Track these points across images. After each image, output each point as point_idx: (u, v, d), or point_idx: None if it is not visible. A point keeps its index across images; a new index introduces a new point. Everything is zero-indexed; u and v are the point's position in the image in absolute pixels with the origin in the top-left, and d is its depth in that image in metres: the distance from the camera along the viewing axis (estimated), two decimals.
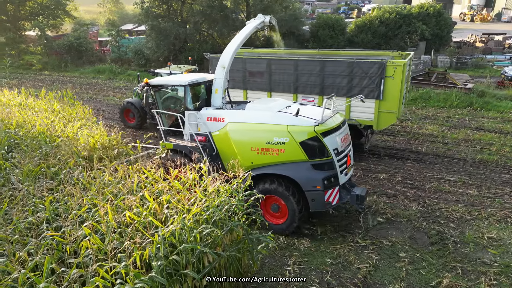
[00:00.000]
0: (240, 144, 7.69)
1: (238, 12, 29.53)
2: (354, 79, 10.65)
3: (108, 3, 62.28)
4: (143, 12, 27.91)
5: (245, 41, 8.70)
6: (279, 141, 7.23)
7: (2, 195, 6.13)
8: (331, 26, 29.31)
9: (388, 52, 12.27)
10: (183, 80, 8.38)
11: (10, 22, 35.23)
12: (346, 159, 7.68)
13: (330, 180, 7.25)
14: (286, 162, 7.31)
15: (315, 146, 7.10)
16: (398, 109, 10.50)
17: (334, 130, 7.35)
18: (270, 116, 7.55)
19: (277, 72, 11.67)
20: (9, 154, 8.33)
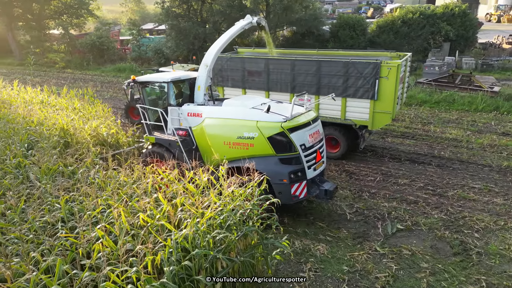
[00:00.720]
0: (214, 138, 8.13)
1: (257, 12, 29.40)
2: (349, 79, 10.71)
3: (130, 2, 63.23)
4: (163, 11, 28.12)
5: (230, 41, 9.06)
6: (249, 136, 7.61)
7: (20, 193, 6.18)
8: (352, 26, 28.84)
9: (386, 52, 12.23)
10: (166, 77, 8.77)
11: (35, 21, 36.12)
12: (315, 155, 7.96)
13: (296, 174, 7.59)
14: (256, 156, 7.55)
15: (281, 141, 7.45)
16: (393, 110, 10.51)
17: (302, 127, 7.65)
18: (242, 112, 7.94)
19: (274, 71, 11.84)
20: (29, 151, 8.44)
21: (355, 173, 10.97)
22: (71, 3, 37.62)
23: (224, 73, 12.92)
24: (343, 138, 11.50)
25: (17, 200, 5.95)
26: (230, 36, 9.24)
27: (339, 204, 9.25)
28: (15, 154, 7.88)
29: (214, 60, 8.98)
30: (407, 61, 11.41)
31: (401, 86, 11.07)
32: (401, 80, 10.79)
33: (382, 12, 50.68)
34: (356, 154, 12.32)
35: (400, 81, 10.69)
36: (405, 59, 11.14)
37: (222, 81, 13.13)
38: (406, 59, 11.29)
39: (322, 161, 8.40)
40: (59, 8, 37.95)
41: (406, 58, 11.32)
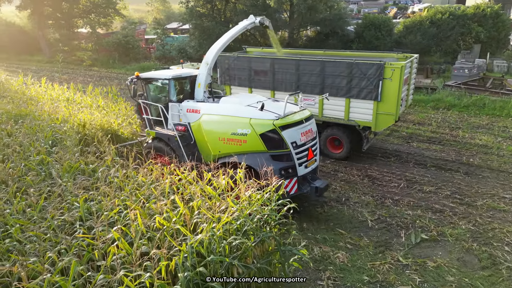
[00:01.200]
0: (210, 134, 8.42)
1: (281, 12, 29.22)
2: (353, 80, 10.68)
3: (156, 2, 64.13)
4: (187, 11, 28.34)
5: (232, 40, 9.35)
6: (242, 133, 7.85)
7: (41, 190, 6.24)
8: (378, 27, 28.18)
9: (393, 54, 12.13)
10: (168, 75, 9.13)
11: (64, 19, 37.13)
12: (307, 152, 8.12)
13: (287, 171, 7.78)
14: (249, 152, 7.84)
15: (273, 138, 7.64)
16: (396, 111, 10.44)
17: (295, 125, 7.82)
18: (237, 109, 8.20)
19: (280, 71, 11.90)
20: (53, 148, 8.57)
21: (378, 178, 10.64)
22: (99, 2, 38.48)
23: (231, 72, 12.99)
24: (346, 139, 11.46)
25: (38, 197, 6.03)
26: (232, 35, 9.48)
27: (360, 210, 8.97)
28: (39, 151, 8.02)
29: (215, 58, 9.29)
30: (412, 62, 11.25)
31: (405, 88, 10.96)
32: (405, 82, 10.68)
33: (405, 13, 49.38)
34: (380, 159, 11.97)
35: (405, 82, 10.60)
36: (410, 61, 11.01)
37: (229, 80, 13.21)
38: (412, 60, 11.15)
39: (315, 159, 8.52)
40: (87, 7, 38.89)
41: (412, 60, 11.17)
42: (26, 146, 8.34)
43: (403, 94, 10.84)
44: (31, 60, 36.52)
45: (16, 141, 8.73)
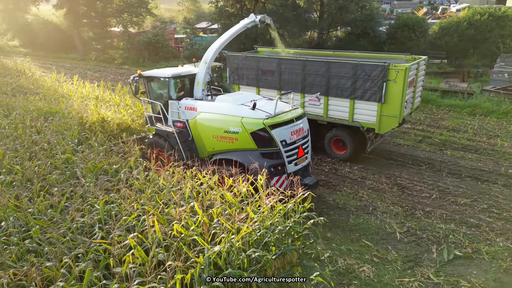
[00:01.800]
0: (205, 131, 8.70)
1: (311, 12, 28.74)
2: (357, 81, 10.64)
3: (187, 1, 64.93)
4: (216, 11, 28.37)
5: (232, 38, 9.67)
6: (234, 131, 8.10)
7: (64, 190, 6.25)
8: (411, 28, 27.18)
9: (401, 55, 11.97)
10: (168, 73, 9.35)
11: (98, 18, 38.13)
12: (297, 150, 8.30)
13: (277, 168, 7.99)
14: (240, 150, 8.17)
15: (263, 136, 7.85)
16: (400, 113, 10.33)
17: (284, 124, 8.01)
18: (230, 108, 8.41)
19: (286, 71, 11.93)
20: (79, 147, 8.66)
21: (408, 187, 10.13)
22: (132, 2, 39.27)
23: (240, 71, 13.12)
24: (350, 140, 11.46)
25: (61, 197, 6.04)
26: (232, 34, 9.77)
27: (388, 221, 8.55)
28: (65, 149, 8.10)
29: (214, 57, 9.46)
30: (419, 64, 11.04)
31: (411, 90, 10.86)
32: (411, 84, 10.59)
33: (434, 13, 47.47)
34: (410, 166, 11.42)
35: (410, 84, 10.52)
36: (417, 63, 10.83)
37: (238, 79, 13.32)
38: (418, 62, 10.97)
39: (305, 157, 8.68)
40: (120, 7, 39.78)
41: (418, 62, 10.97)
42: (53, 144, 8.45)
43: (408, 97, 10.73)
44: (66, 57, 37.73)
45: (44, 139, 8.88)
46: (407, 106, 10.74)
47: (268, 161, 7.86)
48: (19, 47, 43.78)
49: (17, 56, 37.88)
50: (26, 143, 8.66)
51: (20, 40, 44.16)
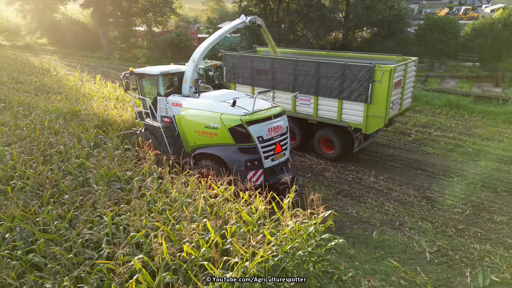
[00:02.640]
0: (188, 126, 9.05)
1: (336, 12, 27.99)
2: (345, 82, 10.77)
3: (211, 1, 65.05)
4: (240, 10, 28.05)
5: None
6: (213, 126, 8.43)
7: (74, 198, 6.00)
8: (442, 29, 26.06)
9: (393, 56, 11.97)
10: (156, 70, 9.75)
11: (123, 18, 38.55)
12: (274, 147, 8.58)
13: (253, 163, 8.27)
14: (220, 144, 8.54)
15: (240, 132, 8.13)
16: (385, 114, 10.40)
17: (262, 121, 8.31)
18: (211, 104, 8.75)
19: (278, 71, 12.08)
20: (95, 150, 8.45)
21: (438, 201, 9.45)
22: (157, 1, 39.54)
23: (236, 70, 13.29)
24: (338, 139, 11.64)
25: (71, 204, 5.79)
26: (221, 34, 10.17)
27: (417, 238, 7.93)
28: (80, 153, 7.90)
29: (202, 56, 9.88)
30: (407, 66, 10.97)
31: (398, 91, 10.89)
32: (397, 85, 10.60)
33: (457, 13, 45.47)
34: (441, 178, 10.71)
35: (396, 85, 10.54)
36: (404, 64, 10.82)
37: (234, 78, 13.51)
38: (406, 64, 10.92)
39: (283, 153, 8.93)
40: (145, 6, 40.11)
41: (406, 63, 10.93)
42: (69, 148, 8.27)
43: (395, 97, 10.79)
44: (91, 56, 38.33)
45: (61, 141, 8.73)
46: (393, 107, 10.82)
47: (245, 156, 8.27)
48: (47, 45, 44.82)
49: (44, 54, 38.78)
50: (42, 145, 8.54)
51: (48, 39, 45.18)
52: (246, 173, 8.17)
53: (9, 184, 6.69)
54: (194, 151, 9.04)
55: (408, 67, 11.00)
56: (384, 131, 14.37)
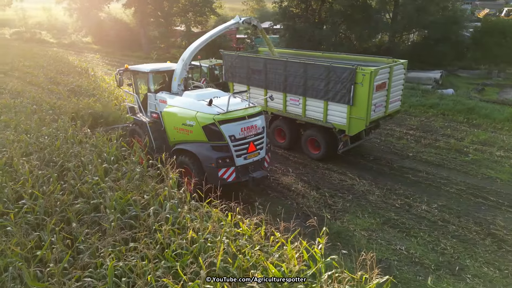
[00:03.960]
0: (169, 122, 9.48)
1: (383, 13, 26.23)
2: (330, 83, 10.87)
3: (252, 0, 64.45)
4: (280, 11, 26.96)
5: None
6: (189, 124, 8.83)
7: (80, 229, 5.24)
8: (502, 32, 23.66)
9: (383, 59, 11.94)
10: (147, 68, 10.27)
11: (164, 17, 38.69)
12: (247, 146, 8.88)
13: (225, 160, 8.58)
14: (194, 141, 8.90)
15: (213, 130, 8.47)
16: (367, 116, 10.50)
17: (235, 120, 8.60)
18: (190, 103, 9.13)
19: (271, 71, 12.25)
20: (114, 165, 7.76)
21: (506, 241, 7.95)
22: (197, 1, 39.35)
23: (233, 70, 13.57)
24: (323, 140, 11.75)
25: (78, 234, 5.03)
26: (213, 34, 10.62)
27: None
28: (97, 170, 7.20)
29: (192, 56, 10.24)
30: (392, 69, 10.85)
31: (381, 94, 10.84)
32: (380, 88, 10.55)
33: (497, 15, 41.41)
34: (507, 210, 9.13)
35: (379, 88, 10.50)
36: (388, 67, 10.78)
37: (231, 77, 13.81)
38: (391, 67, 10.84)
39: (258, 152, 9.21)
40: (185, 6, 40.08)
41: (391, 66, 10.86)
42: (85, 163, 7.62)
43: (378, 100, 10.78)
44: (132, 55, 38.74)
45: (82, 152, 8.10)
46: (376, 109, 10.81)
47: (217, 153, 8.58)
48: (91, 43, 45.99)
49: (88, 52, 39.68)
50: (62, 156, 7.97)
51: (93, 37, 46.33)
52: (217, 170, 8.57)
53: (18, 203, 6.08)
54: (174, 147, 9.42)
55: (393, 70, 10.92)
56: (424, 146, 13.29)
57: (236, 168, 8.77)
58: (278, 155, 12.72)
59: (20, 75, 17.21)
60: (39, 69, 19.30)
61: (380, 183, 10.63)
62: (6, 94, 13.64)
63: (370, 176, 11.08)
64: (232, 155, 8.68)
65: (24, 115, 10.81)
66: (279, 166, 11.82)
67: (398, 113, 12.52)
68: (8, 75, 17.52)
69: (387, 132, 14.84)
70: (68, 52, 38.49)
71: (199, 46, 10.41)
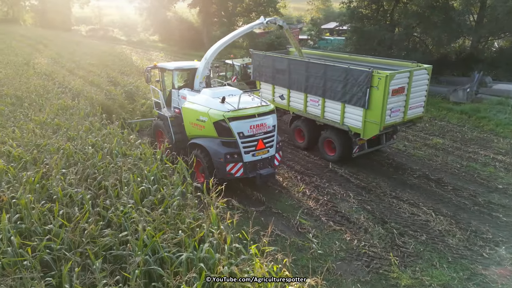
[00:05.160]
0: (186, 117, 9.98)
1: (466, 15, 23.29)
2: (347, 85, 10.84)
3: (317, 0, 62.41)
4: (348, 12, 25.12)
5: None
6: (202, 119, 9.31)
7: (101, 274, 4.42)
8: None
9: (407, 63, 11.69)
10: (172, 66, 10.95)
11: (227, 17, 38.54)
12: (256, 143, 9.21)
13: (233, 156, 9.03)
14: (206, 136, 9.36)
15: (223, 127, 8.93)
16: (381, 120, 10.36)
17: (244, 118, 8.99)
18: (205, 100, 9.51)
19: (294, 71, 12.43)
20: (154, 187, 6.97)
21: None
22: (261, 1, 38.63)
23: (260, 69, 13.93)
24: (339, 142, 11.74)
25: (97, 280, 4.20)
26: (235, 35, 11.07)
27: None
28: (131, 195, 6.43)
29: (214, 55, 10.65)
30: (411, 73, 10.53)
31: (399, 98, 10.61)
32: (397, 92, 10.34)
33: None
34: None
35: (395, 93, 10.30)
36: (408, 71, 10.55)
37: (259, 76, 14.16)
38: (411, 71, 10.56)
39: (267, 150, 9.44)
40: (249, 6, 39.57)
41: (411, 71, 10.57)
42: (127, 180, 6.91)
43: (394, 105, 10.59)
44: (194, 55, 39.01)
45: (124, 167, 7.43)
46: (392, 114, 10.63)
47: (226, 149, 8.98)
48: (157, 42, 47.37)
49: (153, 50, 40.79)
50: (102, 171, 7.37)
51: (159, 36, 47.67)
52: (225, 164, 8.96)
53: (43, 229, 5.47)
54: (190, 141, 9.95)
55: (414, 75, 10.59)
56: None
57: (244, 164, 9.11)
58: (337, 175, 11.34)
59: (84, 74, 17.52)
60: (102, 68, 19.64)
61: (461, 222, 8.86)
62: (67, 94, 13.73)
63: (449, 212, 9.31)
64: (240, 151, 9.03)
65: (77, 119, 10.57)
66: (337, 189, 10.45)
67: (420, 119, 12.16)
68: (73, 73, 17.96)
69: (469, 156, 12.71)
70: (135, 50, 39.81)
71: (222, 46, 10.87)
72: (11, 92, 13.01)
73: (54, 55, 23.27)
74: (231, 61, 17.39)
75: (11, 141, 8.35)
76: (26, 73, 16.49)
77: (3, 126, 9.75)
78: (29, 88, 13.78)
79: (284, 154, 12.39)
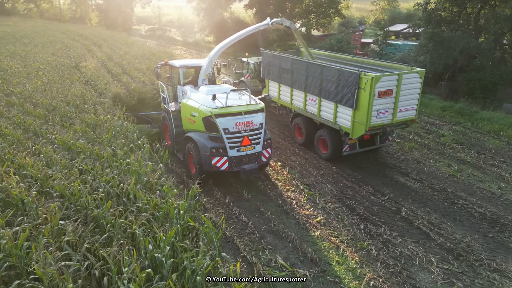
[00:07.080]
0: (183, 112, 10.83)
1: None
2: (339, 86, 11.18)
3: (382, 0, 58.16)
4: (424, 15, 21.88)
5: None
6: (193, 115, 10.11)
7: None
8: None
9: (403, 66, 11.95)
10: (178, 63, 11.94)
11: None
12: (241, 139, 9.70)
13: (218, 150, 9.58)
14: (197, 131, 10.14)
15: (210, 122, 9.55)
16: (367, 121, 10.62)
17: (230, 115, 9.49)
18: (199, 96, 10.33)
19: (296, 71, 12.99)
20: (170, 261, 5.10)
21: None
22: (321, 2, 36.10)
23: (268, 67, 14.52)
24: (331, 141, 12.09)
25: None
26: (240, 35, 11.87)
27: None
28: (134, 275, 4.61)
29: (217, 54, 11.41)
30: (400, 76, 10.68)
31: (387, 100, 10.77)
32: (384, 94, 10.52)
33: None
34: None
35: (382, 95, 10.49)
36: (397, 74, 10.75)
37: (267, 75, 14.81)
38: (400, 74, 10.71)
39: (252, 147, 9.90)
40: (309, 7, 37.19)
41: (400, 74, 10.72)
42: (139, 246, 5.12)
43: (381, 106, 10.76)
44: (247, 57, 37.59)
45: (134, 222, 5.70)
46: (379, 115, 10.80)
47: (212, 143, 9.62)
48: (212, 43, 46.59)
49: (207, 52, 39.84)
50: (107, 228, 5.69)
51: (214, 37, 46.80)
52: (211, 158, 9.48)
53: None
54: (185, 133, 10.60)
55: (403, 78, 10.73)
56: None
57: (229, 159, 9.58)
58: (413, 227, 8.83)
59: (127, 81, 16.39)
60: (146, 72, 18.52)
61: None
62: (104, 104, 12.51)
63: None
64: (225, 146, 9.51)
65: (104, 140, 9.14)
66: (413, 248, 7.97)
67: (413, 122, 12.15)
68: (117, 79, 16.92)
69: None
70: (189, 51, 39.13)
71: (225, 46, 11.47)
72: (47, 102, 12.00)
73: (104, 57, 22.70)
74: (246, 59, 18.33)
75: (16, 173, 7.00)
76: (70, 78, 15.68)
77: (20, 145, 8.52)
78: (67, 97, 12.75)
79: (343, 190, 10.24)
